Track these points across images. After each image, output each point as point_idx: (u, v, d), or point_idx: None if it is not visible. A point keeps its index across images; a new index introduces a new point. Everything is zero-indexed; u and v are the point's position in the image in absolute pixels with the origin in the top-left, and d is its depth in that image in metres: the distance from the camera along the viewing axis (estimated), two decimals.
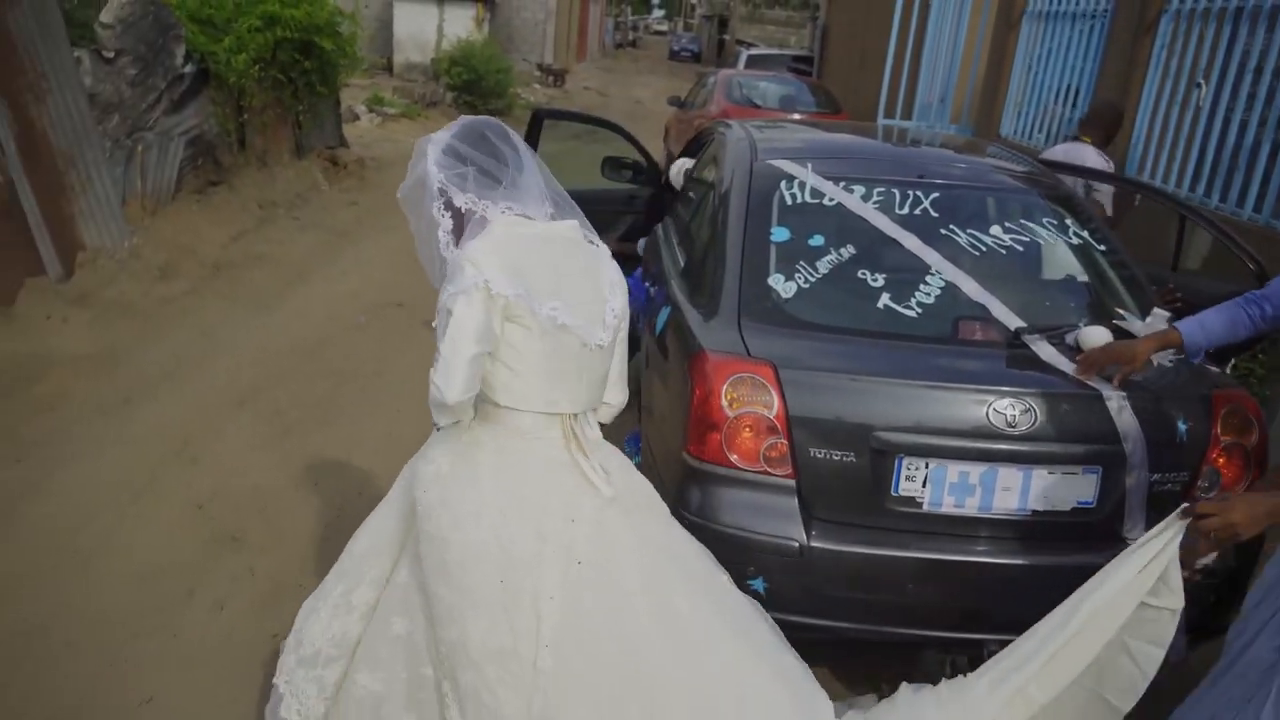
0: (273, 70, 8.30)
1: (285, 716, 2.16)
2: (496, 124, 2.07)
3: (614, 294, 2.10)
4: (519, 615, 1.92)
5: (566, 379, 2.02)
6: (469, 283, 1.87)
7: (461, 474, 2.00)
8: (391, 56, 20.08)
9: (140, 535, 3.52)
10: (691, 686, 1.96)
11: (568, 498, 1.99)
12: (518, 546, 1.93)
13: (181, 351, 5.27)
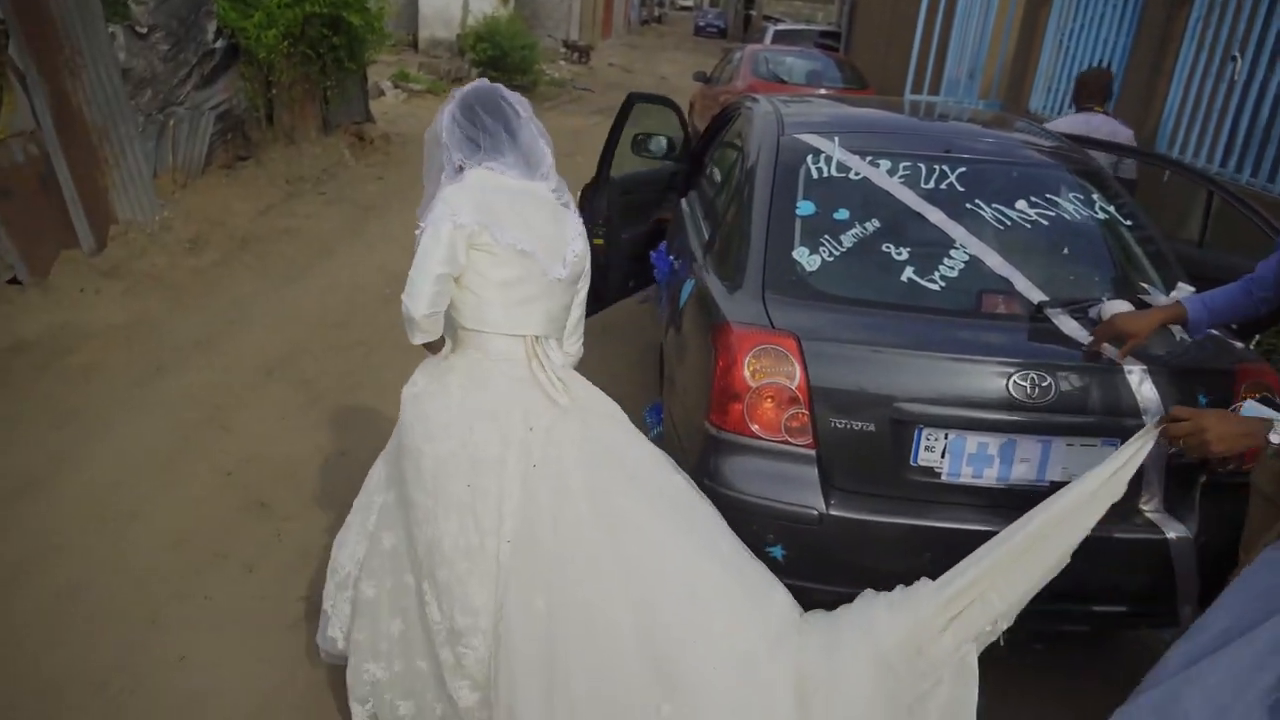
0: (301, 46, 8.36)
1: (332, 636, 2.46)
2: (490, 96, 2.33)
3: (575, 241, 2.35)
4: (485, 515, 2.15)
5: (528, 304, 2.25)
6: (438, 215, 2.16)
7: (435, 392, 2.25)
8: (417, 32, 20.09)
9: (173, 501, 3.61)
10: (633, 575, 2.10)
11: (528, 409, 2.20)
12: (483, 453, 2.16)
13: (211, 322, 5.36)
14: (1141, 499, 2.63)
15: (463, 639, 2.17)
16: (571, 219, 2.38)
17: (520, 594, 2.12)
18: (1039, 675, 2.95)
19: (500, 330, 2.24)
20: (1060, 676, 3.03)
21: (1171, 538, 2.60)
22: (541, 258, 2.24)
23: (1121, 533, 2.60)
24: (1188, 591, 2.64)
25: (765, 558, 2.52)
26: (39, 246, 5.42)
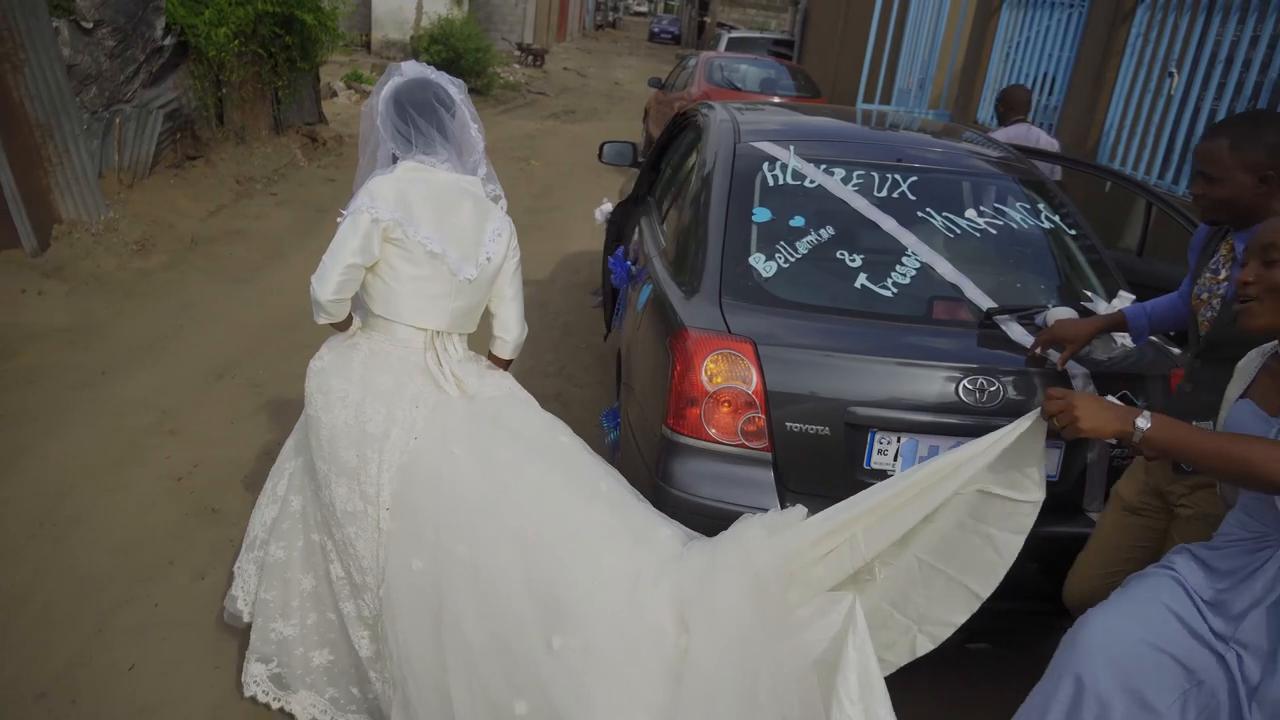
0: (253, 45, 8.24)
1: (233, 595, 2.63)
2: (422, 94, 2.38)
3: (493, 241, 2.43)
4: (367, 484, 2.30)
5: (434, 300, 2.37)
6: (357, 206, 2.27)
7: (337, 367, 2.39)
8: (370, 33, 19.91)
9: (120, 507, 3.54)
10: (518, 523, 2.21)
11: (417, 393, 2.34)
12: (371, 428, 2.30)
13: (159, 325, 5.26)
14: (1085, 499, 2.72)
15: (361, 594, 2.38)
16: (495, 216, 2.46)
17: (398, 557, 2.28)
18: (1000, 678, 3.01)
19: (404, 321, 2.37)
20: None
21: None
22: (452, 259, 2.35)
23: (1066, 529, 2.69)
24: None
25: None
26: None
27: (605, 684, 2.07)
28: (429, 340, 2.40)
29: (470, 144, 2.43)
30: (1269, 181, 2.12)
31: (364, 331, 2.43)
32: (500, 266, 2.48)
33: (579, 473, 2.38)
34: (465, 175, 2.43)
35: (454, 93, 2.44)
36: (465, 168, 2.44)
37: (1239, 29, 5.01)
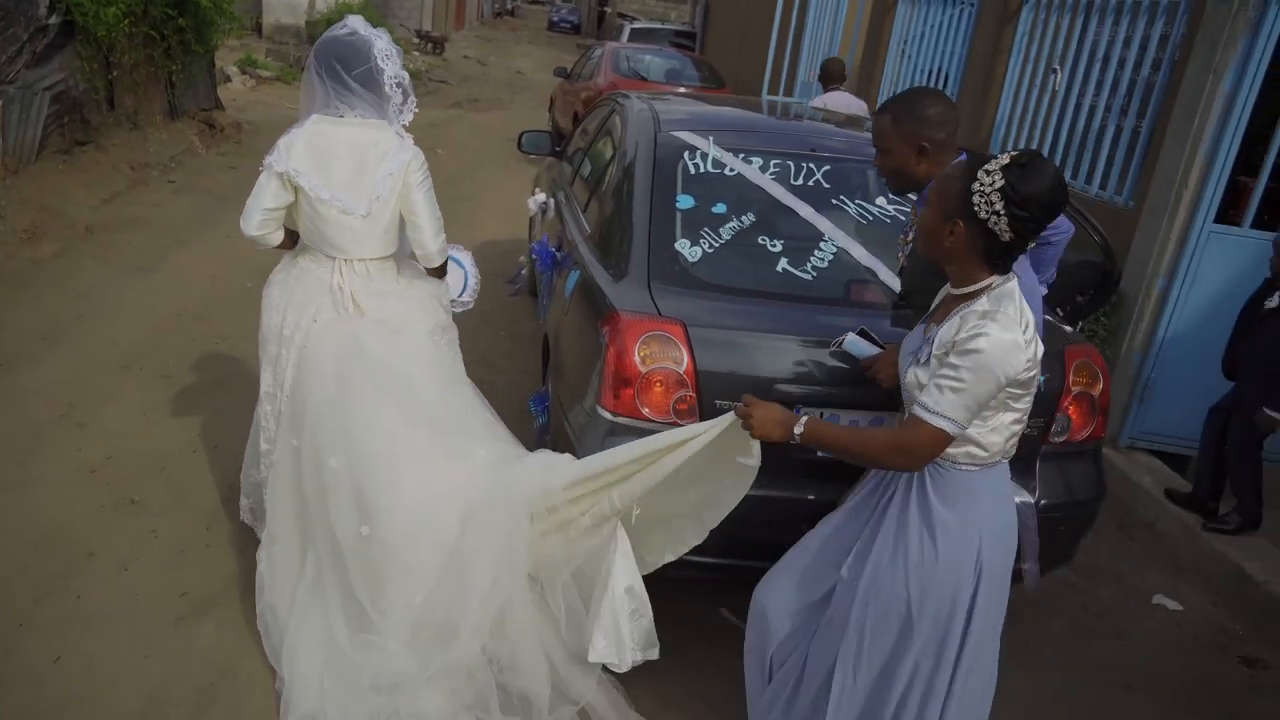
0: (144, 26, 7.93)
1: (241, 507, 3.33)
2: (333, 51, 2.72)
3: (384, 182, 2.78)
4: (278, 374, 2.94)
5: (336, 234, 2.83)
6: (269, 158, 2.75)
7: (279, 280, 2.97)
8: (261, 18, 19.26)
9: (31, 500, 3.44)
10: (349, 435, 2.73)
11: (318, 307, 2.87)
12: (286, 329, 2.89)
13: (57, 314, 5.07)
14: None
15: (267, 458, 3.03)
16: (390, 159, 2.78)
17: (284, 434, 2.90)
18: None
19: (317, 248, 2.88)
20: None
21: (1016, 502, 2.89)
22: (342, 201, 2.77)
23: None
24: (1030, 550, 2.95)
25: None
26: None
27: (392, 566, 2.65)
28: (337, 266, 2.88)
29: (380, 97, 2.77)
30: (925, 152, 2.39)
31: (300, 253, 2.96)
32: (398, 197, 2.83)
33: (413, 399, 2.84)
34: (371, 123, 2.77)
35: (371, 48, 2.75)
36: (384, 115, 2.79)
37: (1114, 29, 5.37)
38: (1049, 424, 2.94)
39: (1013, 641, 3.35)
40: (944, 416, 1.97)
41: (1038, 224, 1.95)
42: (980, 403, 1.98)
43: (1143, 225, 4.68)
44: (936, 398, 1.98)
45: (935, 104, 2.42)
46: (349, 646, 2.67)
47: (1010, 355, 1.94)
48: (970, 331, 1.97)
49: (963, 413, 1.97)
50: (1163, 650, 3.54)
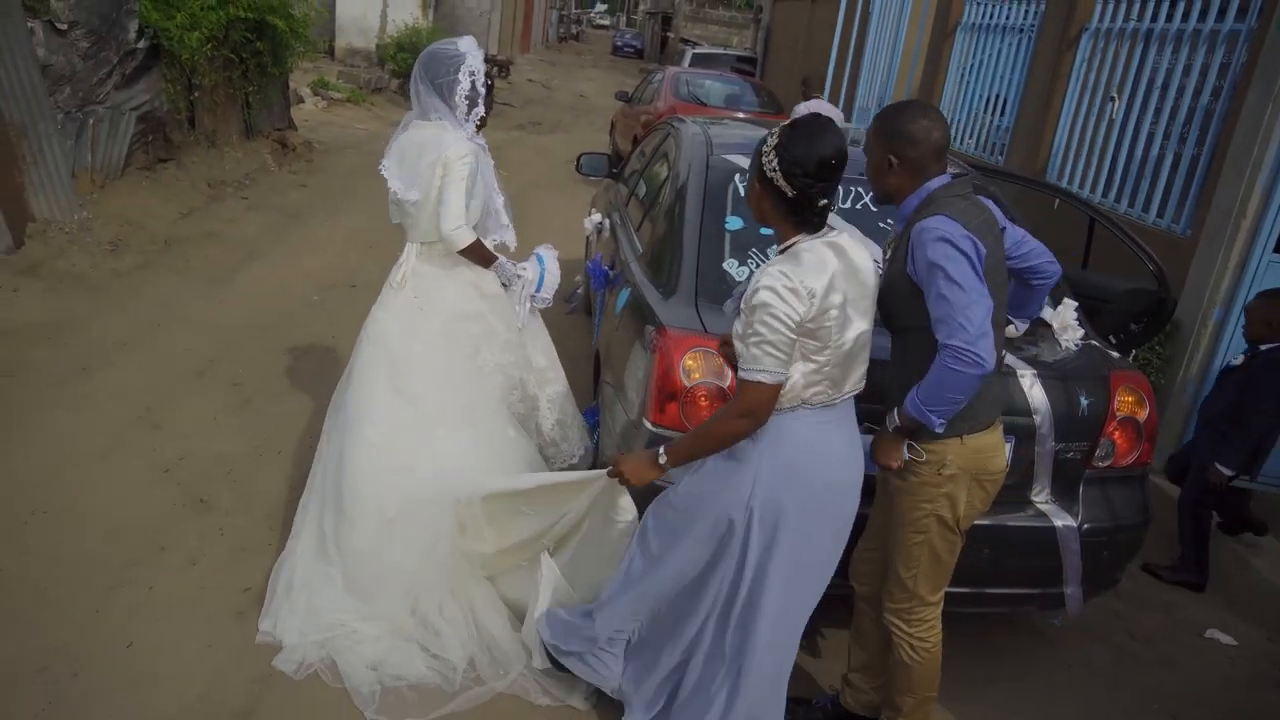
0: (224, 50, 8.30)
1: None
2: (418, 66, 3.17)
3: (428, 170, 3.12)
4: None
5: (404, 219, 3.28)
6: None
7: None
8: (333, 41, 19.87)
9: (109, 495, 3.64)
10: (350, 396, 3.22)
11: (384, 294, 3.32)
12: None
13: (136, 323, 5.33)
14: (1033, 490, 2.94)
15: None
16: (432, 153, 3.11)
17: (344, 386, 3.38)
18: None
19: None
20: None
21: (1058, 525, 2.92)
22: (400, 189, 3.18)
23: (1016, 522, 2.91)
24: (1073, 574, 2.96)
25: None
26: None
27: (343, 510, 3.09)
28: (407, 248, 3.30)
29: (429, 106, 3.16)
30: (893, 166, 2.38)
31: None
32: (437, 187, 3.14)
33: (396, 371, 3.20)
34: (445, 124, 3.15)
35: (460, 64, 3.14)
36: (455, 120, 3.17)
37: (1173, 58, 5.34)
38: (1092, 448, 2.96)
39: (1056, 666, 3.37)
40: (758, 370, 2.17)
41: (810, 180, 2.16)
42: (784, 348, 2.16)
43: (1200, 254, 4.64)
44: (746, 355, 2.20)
45: (914, 120, 2.36)
46: (315, 573, 3.11)
47: (790, 301, 2.13)
48: (754, 285, 2.19)
49: (772, 362, 2.16)
50: (1213, 682, 3.49)
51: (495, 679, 2.87)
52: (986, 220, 2.36)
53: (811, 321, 2.16)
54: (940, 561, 2.52)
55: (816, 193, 2.18)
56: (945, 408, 2.25)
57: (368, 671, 2.84)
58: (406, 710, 2.74)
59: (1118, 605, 3.82)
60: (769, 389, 2.19)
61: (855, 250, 2.30)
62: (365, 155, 11.30)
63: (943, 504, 2.44)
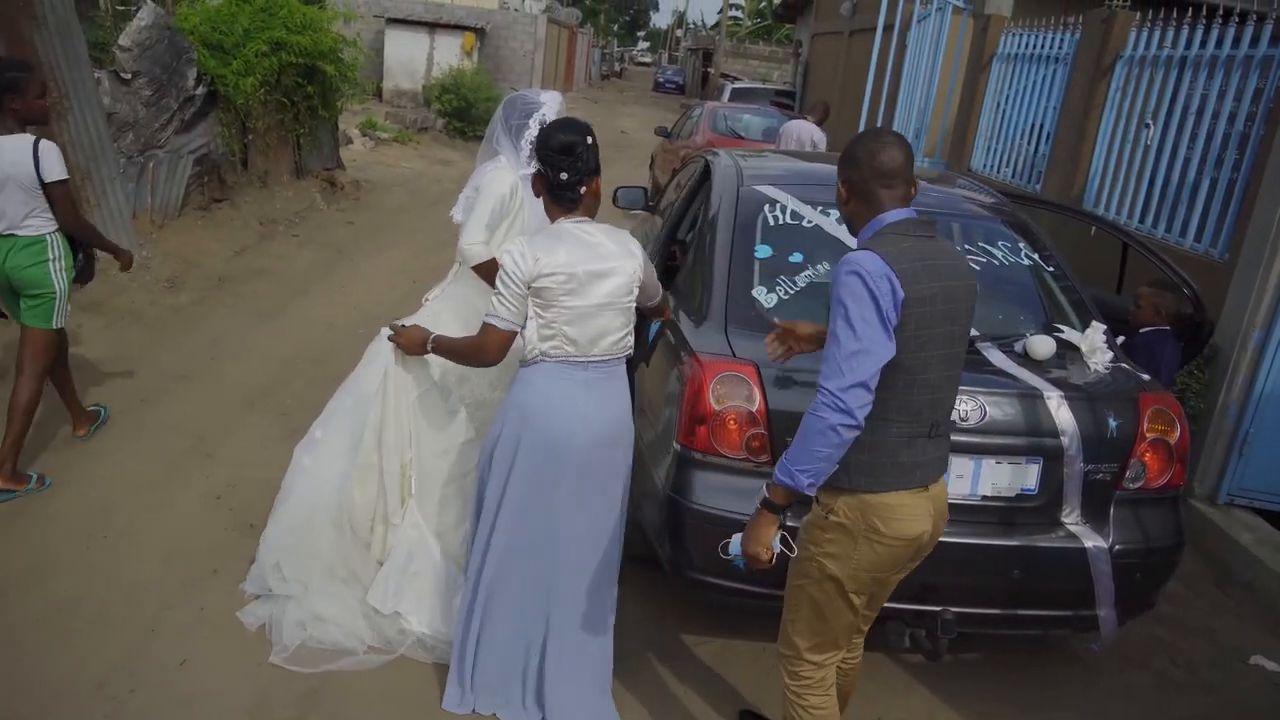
0: (277, 94, 8.63)
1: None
2: (500, 107, 3.51)
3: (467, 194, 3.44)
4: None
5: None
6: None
7: None
8: (381, 83, 20.46)
9: (163, 521, 3.79)
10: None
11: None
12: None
13: (191, 357, 5.54)
14: (1062, 511, 2.96)
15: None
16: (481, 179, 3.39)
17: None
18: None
19: None
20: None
21: (1089, 546, 2.93)
22: (456, 215, 3.49)
23: (1046, 542, 2.93)
24: (1105, 596, 2.96)
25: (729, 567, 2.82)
26: None
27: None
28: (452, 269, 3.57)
29: (517, 148, 3.40)
30: (841, 193, 2.27)
31: None
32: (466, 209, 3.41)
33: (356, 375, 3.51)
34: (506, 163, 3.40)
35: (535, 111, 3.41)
36: (517, 161, 3.40)
37: (1209, 83, 5.35)
38: (1123, 469, 2.97)
39: (1097, 692, 3.35)
40: (493, 317, 2.64)
41: (553, 161, 2.63)
42: (513, 303, 2.62)
43: (1237, 278, 4.62)
44: (492, 305, 2.65)
45: (861, 143, 2.23)
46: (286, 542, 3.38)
47: (519, 264, 2.58)
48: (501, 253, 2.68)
49: (504, 310, 2.62)
50: (1258, 710, 3.44)
51: (399, 647, 3.14)
52: (936, 265, 2.11)
53: (535, 281, 2.59)
54: (822, 617, 2.30)
55: (555, 168, 2.64)
56: (810, 465, 2.03)
57: (296, 629, 3.14)
58: (307, 662, 3.04)
59: (1159, 631, 3.78)
60: (496, 332, 2.66)
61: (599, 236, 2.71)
62: (410, 193, 11.60)
63: (829, 552, 2.22)
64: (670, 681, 3.15)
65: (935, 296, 2.10)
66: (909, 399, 2.14)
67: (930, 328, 2.10)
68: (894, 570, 2.28)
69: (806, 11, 23.46)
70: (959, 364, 2.24)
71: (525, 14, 24.98)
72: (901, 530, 2.18)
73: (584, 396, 2.70)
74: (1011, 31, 8.33)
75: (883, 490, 2.16)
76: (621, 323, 2.72)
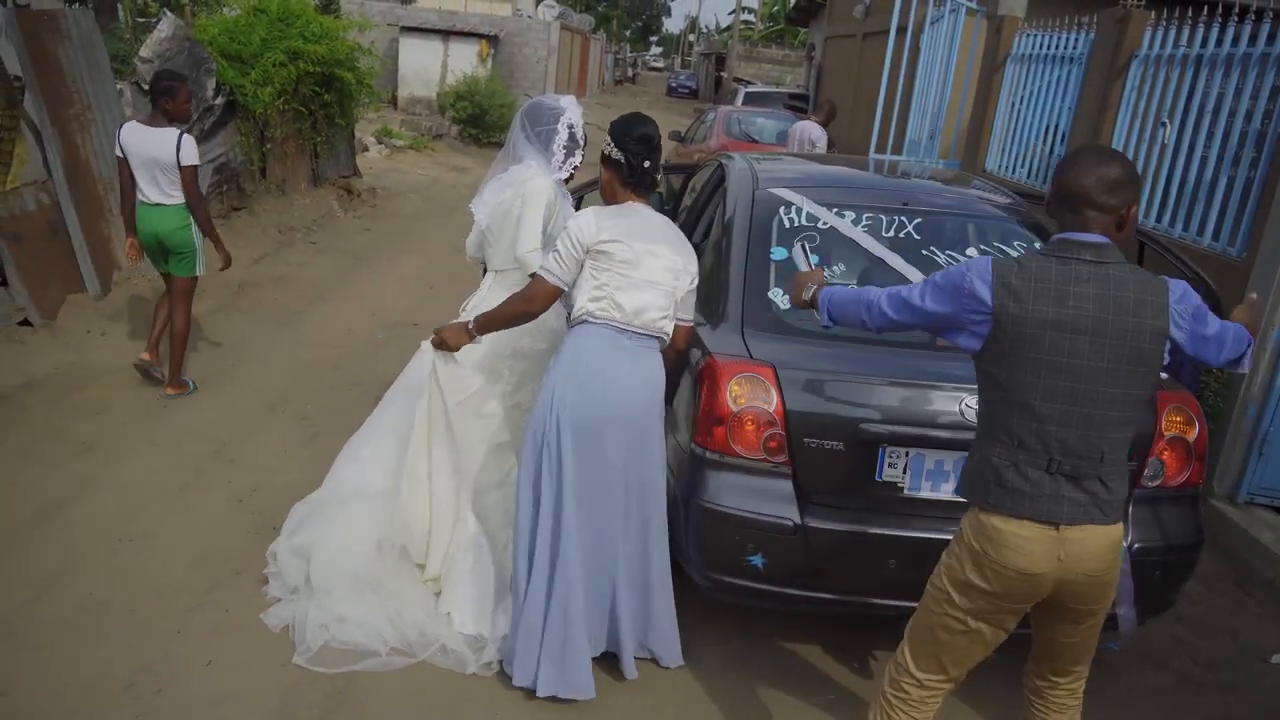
0: (294, 103, 8.71)
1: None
2: (521, 115, 3.52)
3: (510, 201, 3.43)
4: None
5: (487, 250, 3.59)
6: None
7: None
8: (396, 91, 20.59)
9: (188, 524, 3.84)
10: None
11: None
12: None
13: (212, 363, 5.60)
14: None
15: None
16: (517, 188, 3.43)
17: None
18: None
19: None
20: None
21: None
22: (481, 220, 3.52)
23: None
24: (1124, 595, 2.95)
25: (745, 565, 2.85)
26: (48, 290, 5.66)
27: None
28: (485, 276, 3.63)
29: (547, 152, 3.47)
30: (1047, 209, 2.26)
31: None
32: (504, 220, 3.45)
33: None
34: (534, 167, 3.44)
35: (561, 115, 3.49)
36: (546, 166, 3.46)
37: (1224, 81, 5.33)
38: (1140, 468, 2.97)
39: (1116, 691, 3.34)
40: (546, 270, 2.88)
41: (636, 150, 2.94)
42: (567, 263, 2.84)
43: (1255, 276, 4.60)
44: (547, 260, 2.89)
45: (1064, 165, 2.17)
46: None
47: (584, 229, 2.82)
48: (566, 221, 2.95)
49: (557, 267, 2.85)
50: (1278, 708, 3.43)
51: (421, 652, 3.14)
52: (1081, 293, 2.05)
53: (595, 244, 2.81)
54: (932, 630, 2.26)
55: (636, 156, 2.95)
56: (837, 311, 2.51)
57: (319, 630, 3.17)
58: (330, 663, 3.06)
59: (1179, 630, 3.77)
60: (545, 284, 2.88)
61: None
62: (426, 199, 11.68)
63: (949, 563, 2.24)
64: (690, 682, 3.17)
65: (1060, 323, 2.02)
66: (1009, 422, 2.11)
67: (1043, 352, 2.04)
68: (1006, 602, 2.17)
69: (819, 15, 23.46)
70: (1102, 404, 2.05)
71: (539, 20, 25.08)
72: (1008, 560, 2.10)
73: (628, 360, 2.86)
74: (1025, 32, 8.32)
75: (991, 509, 2.13)
76: (665, 304, 2.91)
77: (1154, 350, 2.07)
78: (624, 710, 2.99)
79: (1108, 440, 2.09)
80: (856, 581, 2.96)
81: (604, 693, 3.02)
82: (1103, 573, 2.18)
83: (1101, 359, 2.03)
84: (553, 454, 2.84)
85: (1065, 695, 2.44)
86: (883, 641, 3.38)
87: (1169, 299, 2.07)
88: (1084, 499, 2.10)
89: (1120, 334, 2.03)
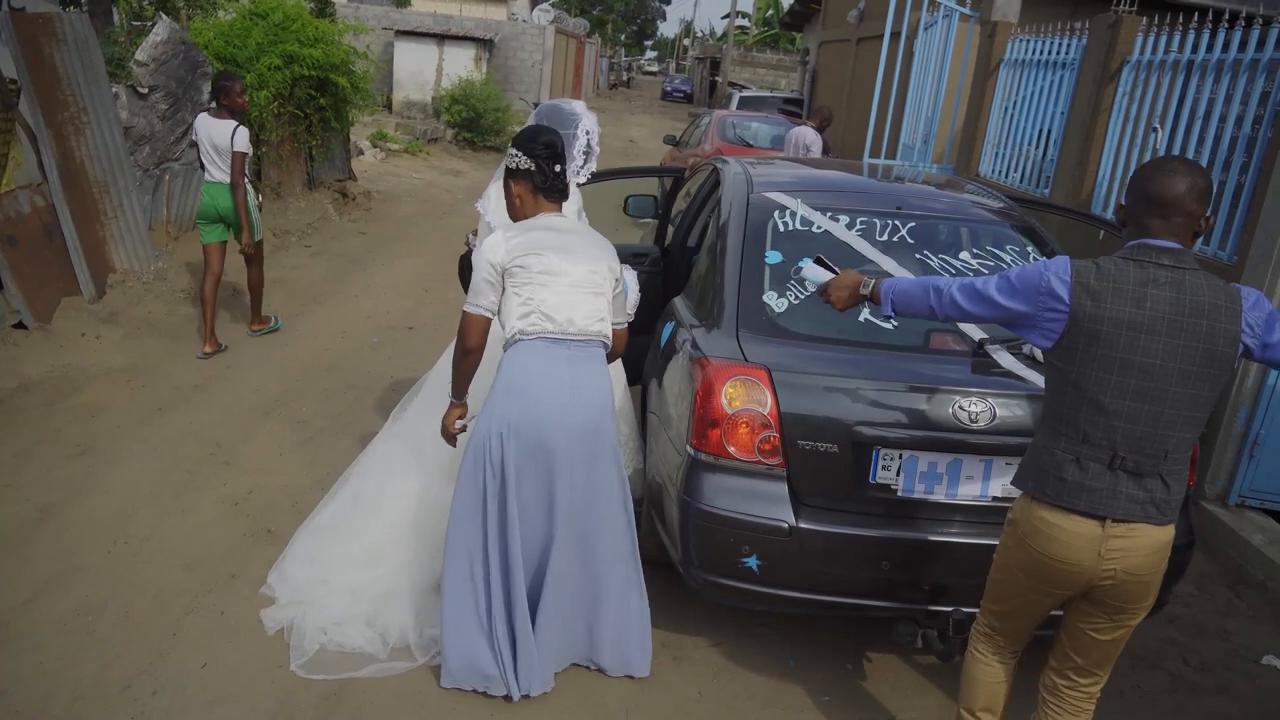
0: (289, 106, 8.72)
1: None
2: (540, 115, 3.60)
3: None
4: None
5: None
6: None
7: None
8: (391, 94, 20.60)
9: (183, 527, 3.84)
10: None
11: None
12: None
13: (208, 366, 5.61)
14: None
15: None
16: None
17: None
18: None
19: None
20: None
21: None
22: (494, 221, 3.46)
23: None
24: None
25: (740, 568, 2.87)
26: (43, 292, 5.66)
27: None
28: None
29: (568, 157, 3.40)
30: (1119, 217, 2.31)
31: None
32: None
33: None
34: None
35: (577, 121, 3.60)
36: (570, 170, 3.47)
37: (1215, 87, 5.37)
38: None
39: (1109, 693, 3.35)
40: (468, 304, 2.87)
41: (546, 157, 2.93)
42: (485, 289, 2.85)
43: (1245, 280, 4.63)
44: (469, 294, 2.89)
45: (1140, 174, 2.23)
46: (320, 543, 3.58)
47: (491, 253, 2.84)
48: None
49: (477, 297, 2.86)
50: (1272, 710, 3.45)
51: (422, 656, 3.15)
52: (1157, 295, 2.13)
53: (502, 264, 2.83)
54: (1002, 572, 2.43)
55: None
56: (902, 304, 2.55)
57: (316, 634, 3.18)
58: (328, 668, 3.06)
59: (1171, 632, 3.79)
60: (472, 318, 2.88)
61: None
62: (421, 203, 11.69)
63: (1004, 541, 2.41)
64: (684, 682, 3.18)
65: (1136, 323, 2.10)
66: (1076, 417, 2.19)
67: (1117, 351, 2.12)
68: (1041, 584, 2.30)
69: (814, 20, 23.54)
70: (1171, 404, 2.12)
71: (533, 24, 25.12)
72: (1046, 548, 2.23)
73: (566, 371, 2.86)
74: (1018, 37, 8.36)
75: (1045, 500, 2.23)
76: (596, 306, 2.92)
77: (1227, 354, 2.13)
78: (624, 710, 3.00)
79: (1173, 439, 2.16)
80: (851, 583, 2.97)
81: (600, 693, 3.04)
82: (1147, 572, 2.23)
83: (1174, 360, 2.11)
84: (497, 472, 2.86)
85: (1083, 699, 2.49)
86: (877, 643, 3.40)
87: (1243, 305, 2.15)
88: (1142, 496, 2.17)
89: (1194, 337, 2.11)
